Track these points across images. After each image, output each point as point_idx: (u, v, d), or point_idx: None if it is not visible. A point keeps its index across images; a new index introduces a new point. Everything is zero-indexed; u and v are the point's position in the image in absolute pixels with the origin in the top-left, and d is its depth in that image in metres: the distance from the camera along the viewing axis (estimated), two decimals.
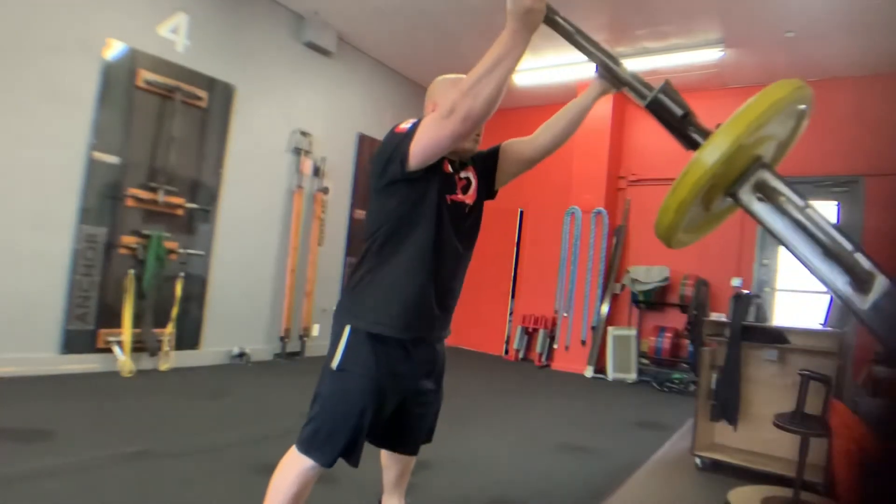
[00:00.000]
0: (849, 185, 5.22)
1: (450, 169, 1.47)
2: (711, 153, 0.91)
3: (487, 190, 1.60)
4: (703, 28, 4.80)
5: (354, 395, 1.38)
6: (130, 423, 2.81)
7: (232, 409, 3.38)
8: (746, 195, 0.98)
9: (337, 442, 1.38)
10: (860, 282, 0.87)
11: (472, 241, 1.57)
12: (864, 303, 0.87)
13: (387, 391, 1.42)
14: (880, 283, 0.86)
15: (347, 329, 1.41)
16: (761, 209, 0.98)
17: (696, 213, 1.05)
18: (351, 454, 1.40)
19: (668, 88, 1.15)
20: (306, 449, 1.40)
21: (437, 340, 1.56)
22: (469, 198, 1.52)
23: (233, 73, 4.61)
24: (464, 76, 1.47)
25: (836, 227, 0.92)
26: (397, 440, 1.62)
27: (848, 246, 0.89)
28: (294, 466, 1.41)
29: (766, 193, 0.96)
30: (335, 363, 1.40)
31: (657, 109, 1.15)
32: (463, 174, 1.52)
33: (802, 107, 1.03)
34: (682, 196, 0.93)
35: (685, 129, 1.11)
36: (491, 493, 2.35)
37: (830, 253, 0.90)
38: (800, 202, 0.94)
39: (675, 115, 1.12)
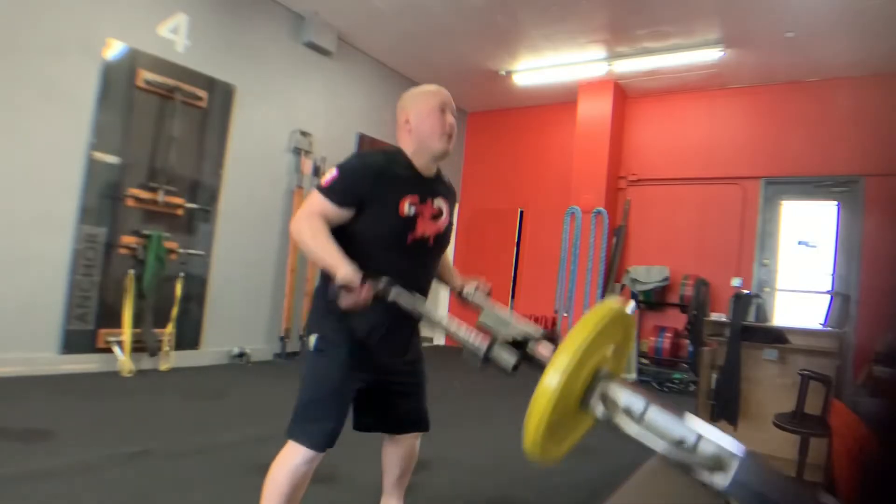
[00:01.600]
0: (849, 185, 5.22)
1: (405, 211, 1.45)
2: (552, 378, 0.98)
3: (451, 223, 1.64)
4: (703, 28, 4.80)
5: (333, 370, 1.44)
6: (130, 423, 2.81)
7: (232, 409, 3.37)
8: (597, 405, 1.06)
9: (326, 422, 1.42)
10: (715, 465, 0.94)
11: (441, 253, 1.62)
12: (726, 481, 0.93)
13: (362, 363, 1.47)
14: (732, 460, 0.93)
15: (314, 337, 1.49)
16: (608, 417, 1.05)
17: (563, 423, 1.11)
18: (337, 434, 1.45)
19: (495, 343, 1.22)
20: (297, 435, 1.43)
21: (393, 357, 1.57)
22: (439, 226, 1.54)
23: (233, 73, 4.61)
24: (432, 87, 1.56)
25: (676, 418, 0.98)
26: (383, 420, 1.63)
27: (692, 438, 0.95)
28: (288, 461, 1.43)
29: (607, 406, 1.04)
30: (311, 345, 1.48)
31: (493, 362, 1.22)
32: (436, 204, 1.54)
33: (628, 311, 1.12)
34: (537, 420, 0.99)
35: (528, 358, 1.21)
36: (491, 493, 2.34)
37: (677, 450, 0.97)
38: (638, 408, 1.00)
39: (508, 364, 1.20)
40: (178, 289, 4.19)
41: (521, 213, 7.03)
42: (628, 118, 6.37)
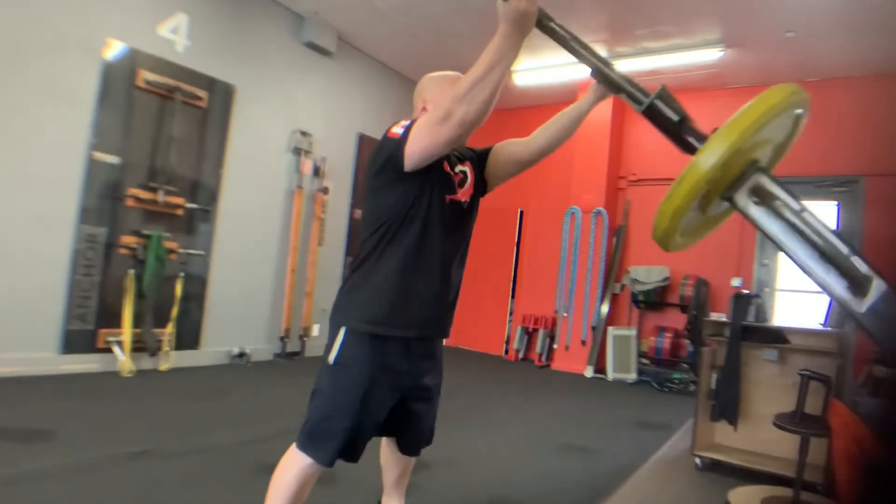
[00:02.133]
0: (849, 185, 5.22)
1: (448, 168, 1.47)
2: (708, 158, 0.91)
3: (482, 187, 1.60)
4: (703, 28, 4.80)
5: (351, 391, 1.38)
6: (130, 423, 2.81)
7: (232, 409, 3.37)
8: (743, 199, 0.98)
9: (335, 439, 1.38)
10: (857, 285, 0.87)
11: (468, 237, 1.57)
12: (862, 306, 0.86)
13: (384, 386, 1.41)
14: (877, 286, 0.86)
15: (343, 329, 1.42)
16: (758, 213, 0.98)
17: (693, 216, 1.05)
18: (350, 452, 1.41)
19: (664, 94, 1.15)
20: (305, 447, 1.40)
21: (436, 337, 1.55)
22: (465, 194, 1.52)
23: (233, 73, 4.61)
24: (453, 73, 1.46)
25: (834, 230, 0.92)
26: (399, 439, 1.62)
27: (844, 249, 0.89)
28: (294, 465, 1.41)
29: (762, 197, 0.96)
30: (332, 358, 1.41)
31: (653, 115, 1.15)
32: (459, 168, 1.52)
33: (799, 111, 1.03)
34: (678, 201, 0.93)
35: (681, 134, 1.11)
36: (491, 493, 2.34)
37: (827, 256, 0.90)
38: (796, 206, 0.94)
39: (671, 120, 1.12)
40: (178, 289, 4.19)
41: (521, 213, 7.03)
42: (628, 118, 6.37)
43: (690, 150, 1.07)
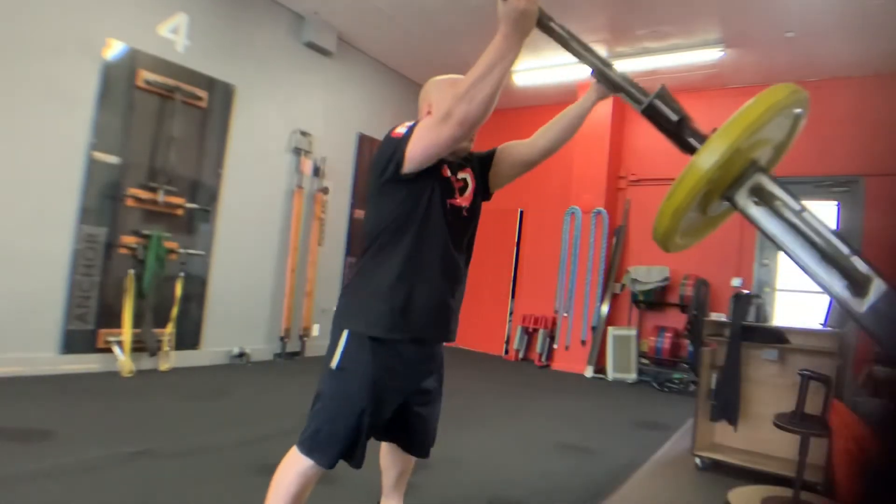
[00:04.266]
0: (849, 185, 5.22)
1: (448, 172, 1.47)
2: (707, 158, 0.91)
3: (483, 192, 1.60)
4: (703, 28, 4.80)
5: (354, 395, 1.38)
6: (130, 423, 2.81)
7: (232, 409, 3.37)
8: (743, 199, 0.99)
9: (337, 442, 1.38)
10: (857, 285, 0.88)
11: (471, 243, 1.57)
12: (862, 306, 0.87)
13: (387, 390, 1.42)
14: (877, 286, 0.87)
15: (345, 332, 1.42)
16: (758, 213, 0.98)
17: (694, 216, 1.05)
18: (352, 455, 1.40)
19: (663, 93, 1.15)
20: (307, 450, 1.40)
21: (437, 341, 1.55)
22: (466, 200, 1.52)
23: (233, 73, 4.61)
24: (458, 76, 1.46)
25: (833, 230, 0.92)
26: (404, 442, 1.62)
27: (844, 249, 0.89)
28: (294, 466, 1.41)
29: (763, 197, 0.97)
30: (334, 363, 1.41)
31: (653, 115, 1.16)
32: (460, 175, 1.52)
33: (798, 110, 1.03)
34: (678, 201, 0.93)
35: (681, 134, 1.12)
36: (491, 493, 2.34)
37: (827, 256, 0.90)
38: (796, 206, 0.94)
39: (670, 120, 1.13)
40: (178, 289, 4.19)
41: (521, 213, 7.03)
42: (628, 118, 6.37)
43: (690, 149, 1.07)
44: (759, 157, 1.01)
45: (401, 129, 1.38)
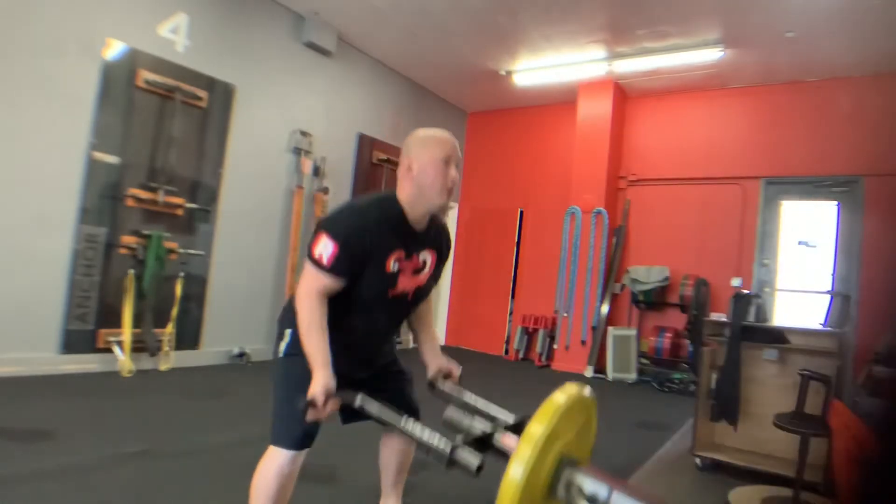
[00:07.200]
0: (849, 185, 5.22)
1: (398, 263, 1.49)
2: (516, 469, 0.98)
3: (437, 275, 1.66)
4: (703, 28, 4.80)
5: (304, 372, 1.40)
6: (130, 423, 2.81)
7: (232, 409, 3.37)
8: (564, 493, 1.04)
9: (297, 423, 1.41)
10: None
11: (417, 304, 1.65)
12: None
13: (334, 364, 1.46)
14: None
15: (289, 331, 1.51)
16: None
17: None
18: (313, 434, 1.49)
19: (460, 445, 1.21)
20: (274, 439, 1.49)
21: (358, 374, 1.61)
22: (417, 281, 1.56)
23: (233, 73, 4.61)
24: (438, 135, 1.51)
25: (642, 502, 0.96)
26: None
27: None
28: (270, 462, 1.48)
29: (571, 493, 1.02)
30: (282, 350, 1.53)
31: (458, 464, 1.22)
32: (422, 256, 1.55)
33: (587, 396, 1.12)
34: None
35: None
36: (491, 493, 2.33)
37: None
38: (603, 495, 0.98)
39: (472, 467, 1.22)
40: (178, 289, 4.19)
41: (521, 213, 7.03)
42: (628, 118, 6.36)
43: (506, 459, 1.11)
44: (564, 450, 1.06)
45: (318, 245, 1.41)
